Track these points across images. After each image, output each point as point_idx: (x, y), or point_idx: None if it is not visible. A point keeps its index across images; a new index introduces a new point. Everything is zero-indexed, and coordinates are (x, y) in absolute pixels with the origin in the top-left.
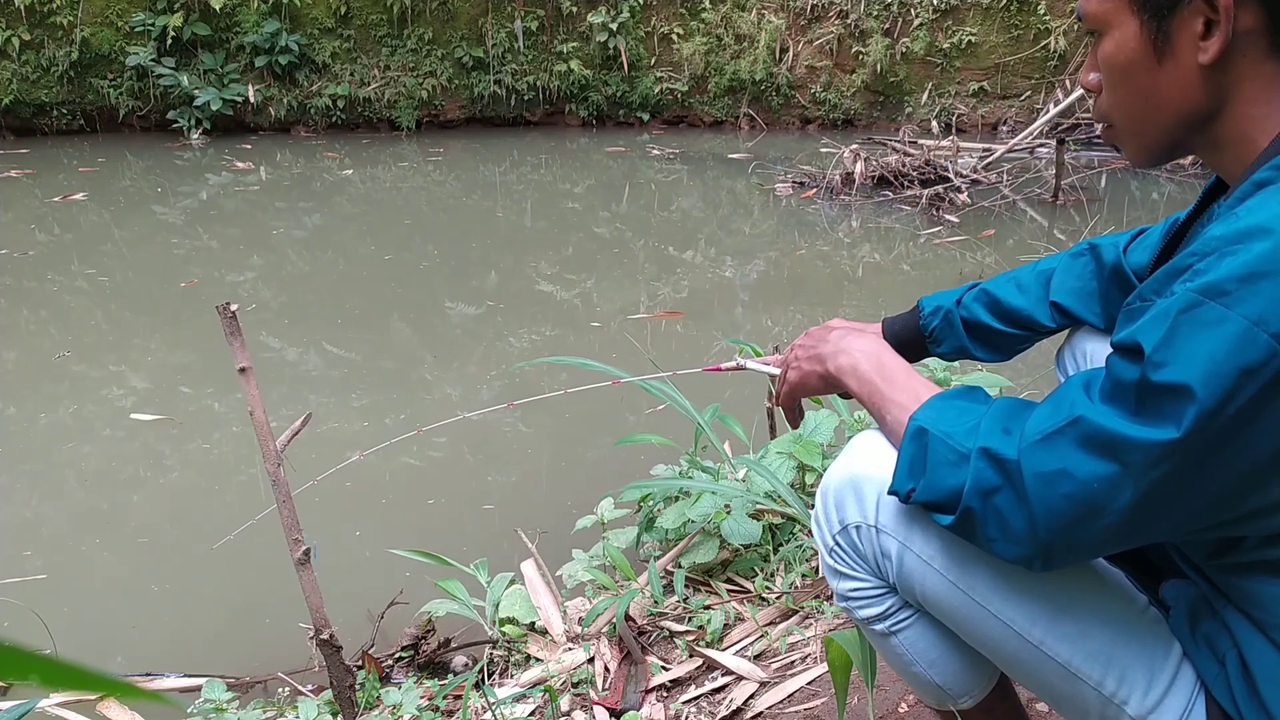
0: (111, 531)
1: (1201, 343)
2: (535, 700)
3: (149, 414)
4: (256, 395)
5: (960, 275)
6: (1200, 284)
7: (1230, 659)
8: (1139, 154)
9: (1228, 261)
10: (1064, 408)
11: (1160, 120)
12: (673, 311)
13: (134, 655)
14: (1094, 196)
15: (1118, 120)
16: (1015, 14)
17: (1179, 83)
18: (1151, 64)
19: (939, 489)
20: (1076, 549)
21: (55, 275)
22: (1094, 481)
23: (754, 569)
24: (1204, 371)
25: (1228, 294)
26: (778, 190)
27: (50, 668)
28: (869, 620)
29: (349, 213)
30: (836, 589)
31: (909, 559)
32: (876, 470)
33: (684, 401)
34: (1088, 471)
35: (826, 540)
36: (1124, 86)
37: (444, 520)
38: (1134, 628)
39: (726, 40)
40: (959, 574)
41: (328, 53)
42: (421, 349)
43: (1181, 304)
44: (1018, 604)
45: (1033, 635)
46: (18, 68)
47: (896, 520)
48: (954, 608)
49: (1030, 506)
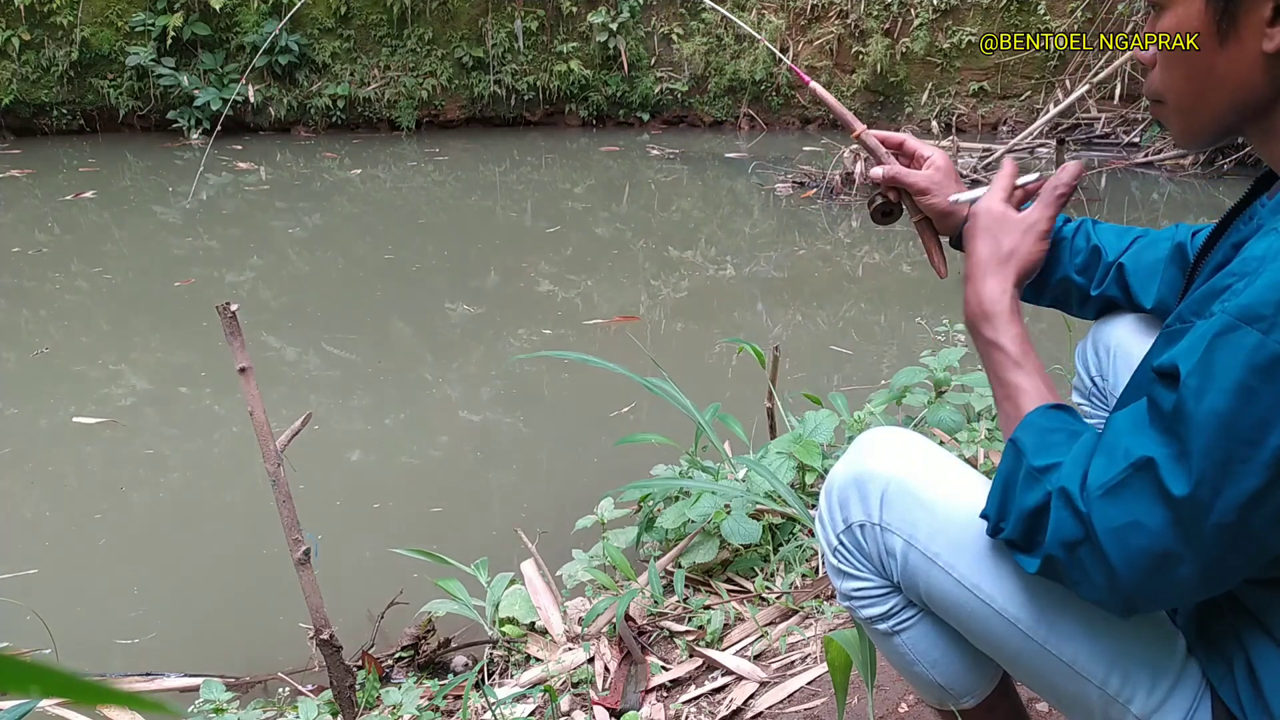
0: (111, 531)
1: (1237, 369)
2: (535, 700)
3: (91, 417)
4: (256, 395)
5: (960, 275)
6: (1236, 306)
7: (1238, 661)
8: (1186, 135)
9: (1262, 283)
10: (1119, 454)
11: (1214, 103)
12: (629, 316)
13: (134, 655)
14: (1094, 196)
15: (1170, 98)
16: (1015, 14)
17: (1239, 67)
18: (1213, 45)
19: (1019, 528)
20: (1160, 598)
21: (64, 272)
22: (1166, 530)
23: (754, 569)
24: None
25: (1264, 319)
26: (778, 190)
27: (50, 678)
28: (872, 620)
29: (349, 213)
30: (840, 588)
31: (913, 556)
32: (881, 468)
33: (684, 401)
34: (1159, 521)
35: (830, 540)
36: (1181, 65)
37: (444, 520)
38: (1139, 627)
39: (726, 40)
40: (964, 571)
41: (328, 53)
42: (421, 349)
43: (1218, 327)
44: (1023, 602)
45: (1037, 633)
46: (18, 68)
47: (901, 517)
48: (958, 605)
49: (1108, 560)
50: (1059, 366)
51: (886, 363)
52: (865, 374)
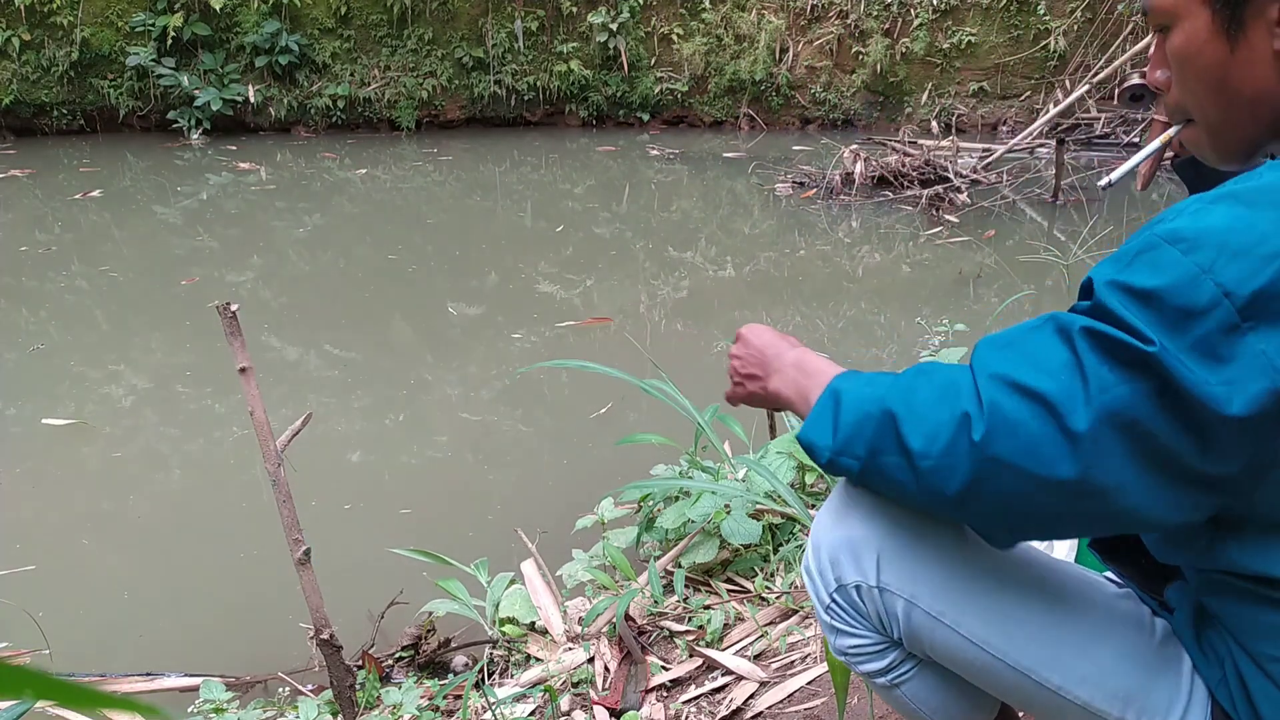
0: (111, 531)
1: (1152, 278)
2: (535, 700)
3: (61, 419)
4: (257, 395)
5: (960, 275)
6: (1164, 229)
7: (1228, 665)
8: (1221, 151)
9: (1191, 212)
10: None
11: (1236, 111)
12: (602, 318)
13: (134, 655)
14: (1094, 197)
15: (1196, 115)
16: (1015, 14)
17: (1255, 71)
18: (1224, 54)
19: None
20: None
21: (70, 271)
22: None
23: (754, 569)
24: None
25: (1185, 240)
26: (778, 190)
27: (42, 683)
28: (871, 674)
29: (349, 213)
30: (835, 644)
31: (917, 615)
32: (874, 530)
33: (684, 401)
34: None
35: (823, 598)
36: (1196, 79)
37: (444, 520)
38: (1150, 658)
39: (726, 40)
40: (972, 628)
41: (328, 53)
42: (421, 349)
43: (1139, 245)
44: (1034, 653)
45: (1051, 681)
46: (18, 68)
47: (901, 578)
48: (968, 661)
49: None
50: None
51: (886, 363)
52: None
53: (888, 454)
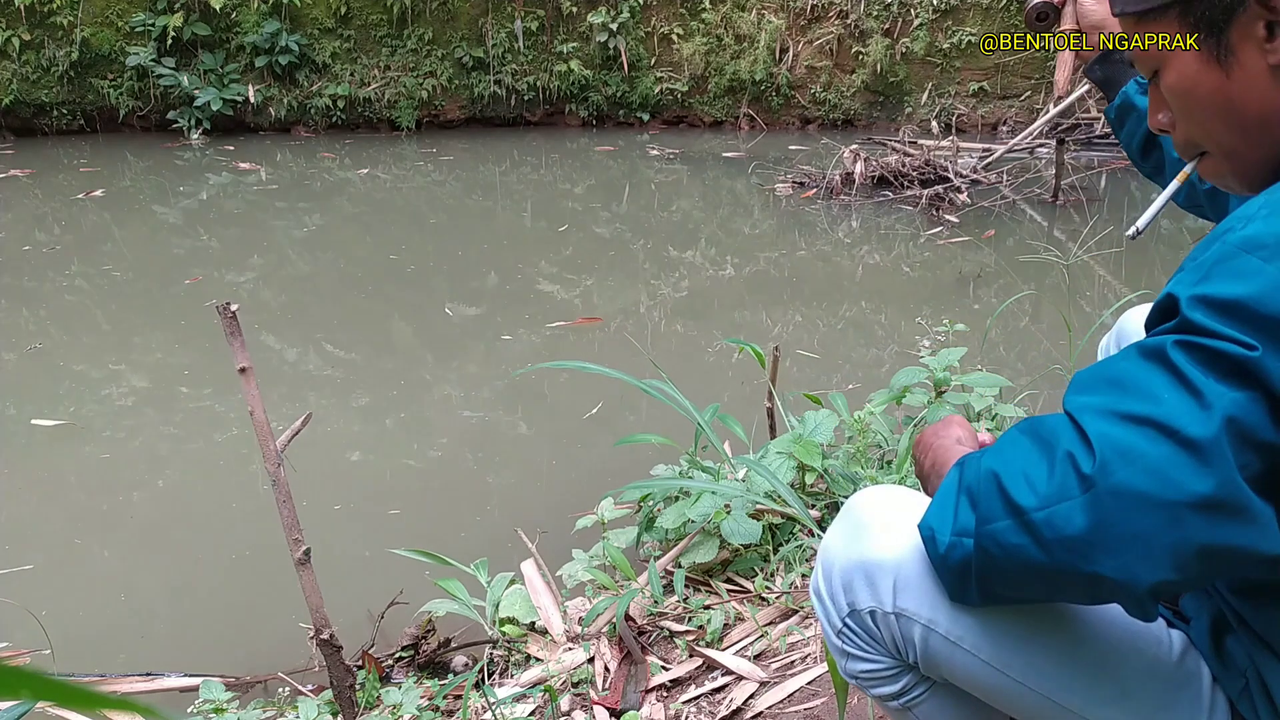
0: (112, 530)
1: (1236, 287)
2: (535, 700)
3: (50, 420)
4: (256, 395)
5: (960, 275)
6: (1237, 238)
7: (1251, 674)
8: (1243, 177)
9: (1263, 217)
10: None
11: (1249, 133)
12: (591, 318)
13: (134, 655)
14: (1094, 196)
15: (1209, 146)
16: (1015, 14)
17: (1256, 90)
18: (1221, 81)
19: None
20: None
21: (75, 270)
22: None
23: (754, 569)
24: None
25: (1265, 248)
26: (777, 190)
27: (40, 684)
28: (884, 698)
29: (349, 213)
30: (845, 668)
31: (934, 641)
32: (889, 553)
33: (684, 401)
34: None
35: (834, 623)
36: (1201, 111)
37: (444, 520)
38: (1171, 673)
39: (726, 40)
40: (992, 653)
41: (328, 53)
42: (421, 349)
43: (1216, 255)
44: (1054, 676)
45: (1072, 704)
46: (18, 68)
47: (919, 603)
48: (988, 686)
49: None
50: (1058, 367)
51: (887, 363)
52: (865, 374)
53: (996, 519)
